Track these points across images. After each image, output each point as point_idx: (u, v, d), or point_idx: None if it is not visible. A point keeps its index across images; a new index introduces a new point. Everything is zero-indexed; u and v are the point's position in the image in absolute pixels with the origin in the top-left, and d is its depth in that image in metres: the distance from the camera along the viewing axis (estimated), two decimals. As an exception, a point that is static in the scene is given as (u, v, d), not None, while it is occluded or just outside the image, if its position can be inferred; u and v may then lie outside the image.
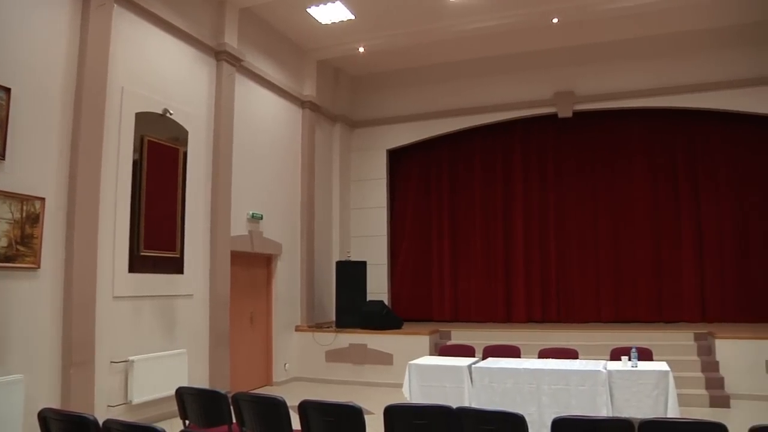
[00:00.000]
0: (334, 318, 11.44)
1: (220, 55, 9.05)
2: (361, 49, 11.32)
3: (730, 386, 8.47)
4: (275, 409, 4.60)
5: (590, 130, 12.15)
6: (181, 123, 8.21)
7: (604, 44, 11.44)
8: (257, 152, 10.09)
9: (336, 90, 12.83)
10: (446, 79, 12.59)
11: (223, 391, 5.08)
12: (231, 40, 9.20)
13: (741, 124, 11.17)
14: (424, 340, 10.17)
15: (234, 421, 4.87)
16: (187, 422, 5.21)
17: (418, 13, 10.27)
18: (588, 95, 11.72)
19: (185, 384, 6.53)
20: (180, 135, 8.21)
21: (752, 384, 8.46)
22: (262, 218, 10.08)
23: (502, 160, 12.72)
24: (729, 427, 3.64)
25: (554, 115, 12.00)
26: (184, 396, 5.20)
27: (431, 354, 9.62)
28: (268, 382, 10.40)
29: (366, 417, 4.41)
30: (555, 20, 10.24)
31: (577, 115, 11.88)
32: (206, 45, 8.83)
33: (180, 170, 8.18)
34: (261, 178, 10.19)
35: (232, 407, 4.87)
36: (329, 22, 10.47)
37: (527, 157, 12.58)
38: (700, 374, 8.67)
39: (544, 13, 10.12)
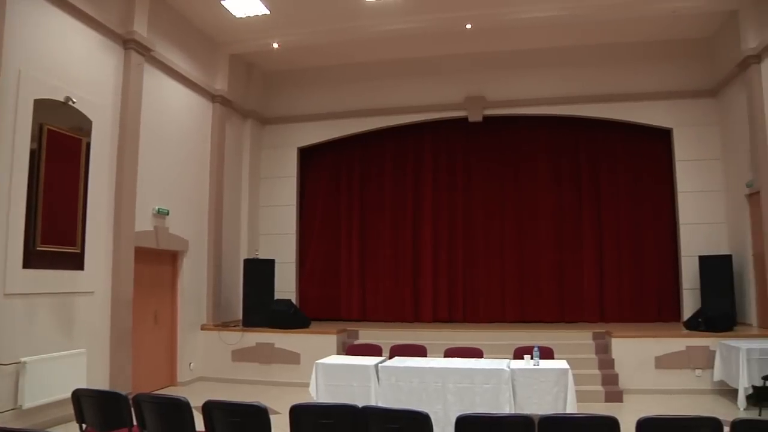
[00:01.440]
0: (241, 317, 11.27)
1: (128, 44, 8.71)
2: (276, 45, 11.20)
3: (624, 382, 8.92)
4: (178, 410, 4.49)
5: (499, 134, 12.46)
6: (84, 112, 7.84)
7: (516, 52, 11.79)
8: (165, 146, 9.79)
9: (248, 85, 12.62)
10: (360, 79, 12.64)
11: (123, 393, 4.90)
12: (140, 29, 8.87)
13: (640, 134, 11.79)
14: (331, 340, 10.17)
15: (135, 423, 4.72)
16: (84, 426, 5.00)
17: (334, 12, 10.28)
18: (498, 101, 12.03)
19: (83, 386, 6.29)
20: (83, 125, 7.85)
21: (643, 379, 9.00)
22: (168, 214, 9.79)
23: (413, 162, 12.87)
24: (620, 420, 3.88)
25: (465, 119, 12.25)
26: (81, 398, 4.98)
27: (339, 353, 9.63)
28: (173, 382, 10.12)
29: (272, 417, 4.38)
30: (468, 26, 10.47)
31: (487, 119, 12.17)
32: (113, 32, 8.47)
33: (82, 162, 7.81)
34: (168, 172, 9.89)
35: (132, 409, 4.71)
36: (244, 16, 10.31)
37: (437, 160, 12.77)
38: (597, 371, 9.06)
39: (458, 18, 10.33)
